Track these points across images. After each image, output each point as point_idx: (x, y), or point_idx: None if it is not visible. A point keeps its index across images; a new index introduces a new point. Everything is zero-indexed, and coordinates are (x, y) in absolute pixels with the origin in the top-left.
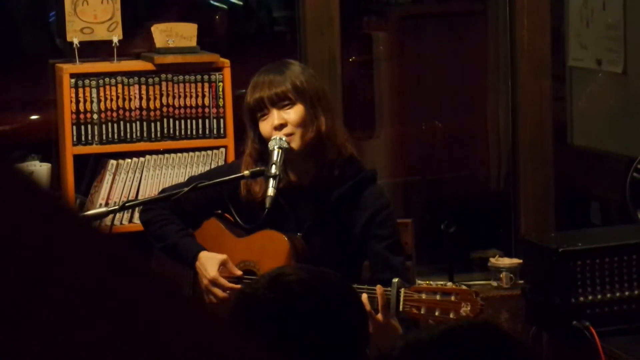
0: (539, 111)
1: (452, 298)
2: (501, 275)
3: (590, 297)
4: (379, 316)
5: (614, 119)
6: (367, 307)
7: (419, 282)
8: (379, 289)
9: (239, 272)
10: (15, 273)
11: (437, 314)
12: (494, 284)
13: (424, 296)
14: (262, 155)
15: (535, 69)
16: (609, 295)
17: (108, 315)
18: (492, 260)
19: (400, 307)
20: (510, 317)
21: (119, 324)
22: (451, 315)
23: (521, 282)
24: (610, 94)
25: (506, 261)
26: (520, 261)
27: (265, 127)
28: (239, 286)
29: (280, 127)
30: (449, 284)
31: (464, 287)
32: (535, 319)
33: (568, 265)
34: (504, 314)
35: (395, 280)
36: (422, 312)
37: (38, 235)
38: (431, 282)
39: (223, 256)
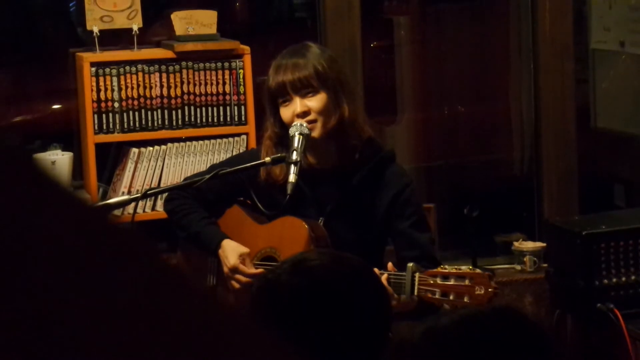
0: (561, 94)
1: (466, 282)
2: (525, 259)
3: (614, 280)
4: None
5: (638, 100)
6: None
7: None
8: (388, 265)
9: (253, 270)
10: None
11: (451, 297)
12: (518, 267)
13: (438, 280)
14: (282, 139)
15: (557, 52)
16: (633, 277)
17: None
18: (516, 244)
19: (415, 291)
20: (534, 300)
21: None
22: (465, 299)
23: (545, 265)
24: (634, 75)
25: (530, 245)
26: (544, 245)
27: (286, 113)
28: (260, 270)
29: (303, 114)
30: (464, 267)
31: (478, 270)
32: (559, 302)
33: (592, 248)
34: (528, 298)
35: (410, 265)
36: (436, 296)
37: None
38: (446, 266)
39: (246, 249)
